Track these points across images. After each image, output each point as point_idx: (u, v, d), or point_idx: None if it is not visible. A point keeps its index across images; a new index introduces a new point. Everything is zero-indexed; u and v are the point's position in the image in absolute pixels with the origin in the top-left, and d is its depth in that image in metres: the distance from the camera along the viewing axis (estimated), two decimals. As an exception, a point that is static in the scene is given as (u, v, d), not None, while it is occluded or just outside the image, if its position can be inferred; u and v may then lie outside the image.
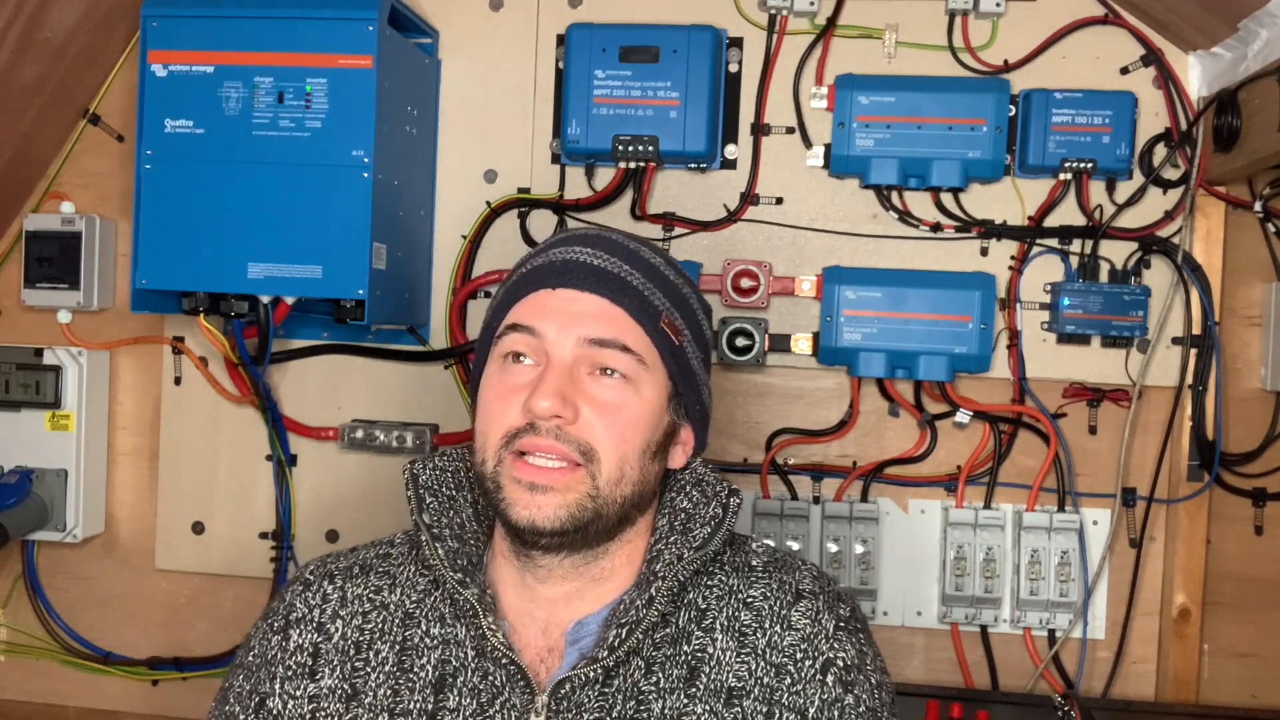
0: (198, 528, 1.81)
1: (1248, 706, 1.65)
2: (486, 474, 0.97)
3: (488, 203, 1.73)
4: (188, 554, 1.81)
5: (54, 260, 1.77)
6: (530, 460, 0.95)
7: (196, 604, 1.83)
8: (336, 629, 1.03)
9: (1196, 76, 1.61)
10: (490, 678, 0.97)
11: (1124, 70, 1.64)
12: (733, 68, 1.69)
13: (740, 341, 1.65)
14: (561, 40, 1.71)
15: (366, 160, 1.51)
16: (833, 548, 1.68)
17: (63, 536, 1.78)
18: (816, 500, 1.70)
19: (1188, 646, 1.65)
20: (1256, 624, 1.67)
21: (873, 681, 0.99)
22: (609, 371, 0.97)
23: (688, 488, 1.06)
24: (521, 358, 0.98)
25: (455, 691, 0.97)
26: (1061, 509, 1.67)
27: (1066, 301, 1.62)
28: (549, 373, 0.95)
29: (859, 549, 1.68)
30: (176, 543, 1.81)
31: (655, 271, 1.02)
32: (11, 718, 1.87)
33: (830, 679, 0.97)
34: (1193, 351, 1.63)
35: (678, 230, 1.70)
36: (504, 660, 0.96)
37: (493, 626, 0.96)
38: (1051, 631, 1.67)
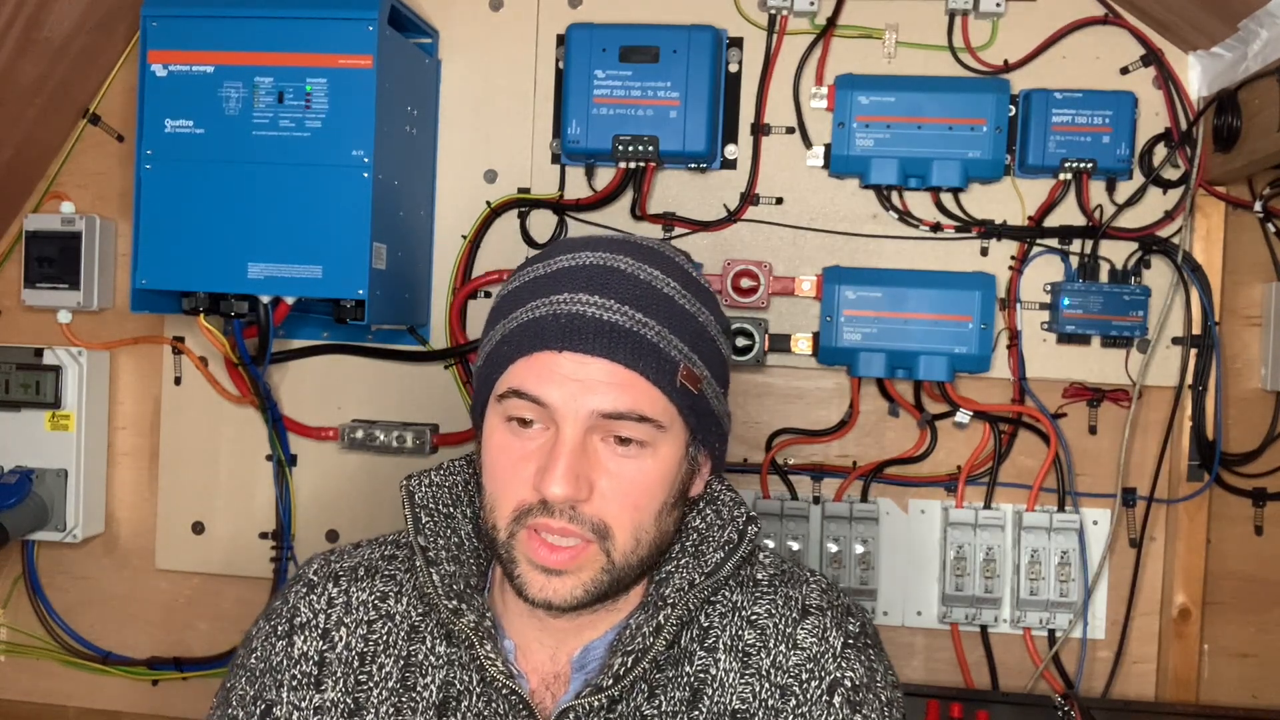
0: (198, 528, 1.81)
1: (1248, 706, 1.65)
2: (499, 542, 0.92)
3: (488, 203, 1.74)
4: (188, 554, 1.81)
5: (54, 260, 1.77)
6: (544, 537, 0.90)
7: (196, 604, 1.83)
8: (341, 637, 1.00)
9: (1196, 76, 1.61)
10: (494, 704, 0.95)
11: (1124, 70, 1.64)
12: (733, 68, 1.69)
13: (740, 341, 1.65)
14: (561, 40, 1.71)
15: (366, 160, 1.51)
16: (833, 548, 1.68)
17: (63, 536, 1.78)
18: (816, 500, 1.70)
19: (1188, 646, 1.65)
20: (1256, 624, 1.67)
21: (883, 699, 0.96)
22: (624, 439, 0.90)
23: (702, 506, 1.01)
24: (529, 421, 0.91)
25: (459, 716, 0.95)
26: (1061, 509, 1.67)
27: (1066, 301, 1.62)
28: (560, 451, 0.88)
29: (859, 549, 1.68)
30: (176, 543, 1.81)
31: (672, 307, 0.92)
32: (11, 718, 1.87)
33: (838, 700, 0.94)
34: (1193, 351, 1.63)
35: (678, 230, 1.70)
36: (505, 690, 0.93)
37: (490, 655, 0.93)
38: (1051, 631, 1.67)
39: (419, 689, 0.97)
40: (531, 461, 0.90)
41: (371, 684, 0.98)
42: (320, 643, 1.00)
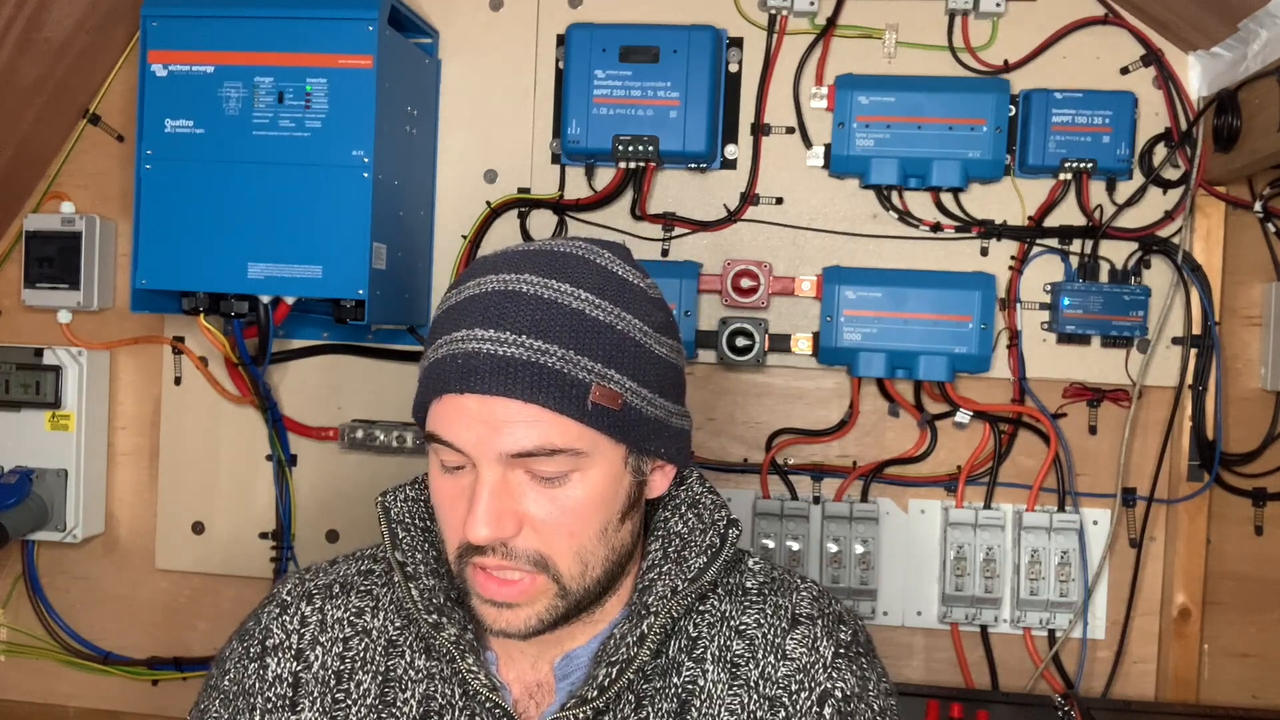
0: (198, 528, 1.81)
1: (1248, 706, 1.65)
2: (456, 573, 0.92)
3: (488, 203, 1.74)
4: (188, 554, 1.81)
5: (54, 260, 1.77)
6: (491, 572, 0.89)
7: (196, 604, 1.83)
8: (316, 656, 0.98)
9: (1196, 76, 1.61)
10: (477, 718, 0.93)
11: (1124, 70, 1.64)
12: (733, 68, 1.69)
13: (740, 341, 1.65)
14: (561, 40, 1.71)
15: (366, 160, 1.51)
16: (833, 548, 1.68)
17: (63, 536, 1.78)
18: (816, 500, 1.70)
19: (1188, 646, 1.65)
20: (1256, 624, 1.67)
21: (875, 708, 0.94)
22: (545, 473, 0.87)
23: (683, 509, 0.99)
24: (455, 466, 0.90)
25: None
26: (1061, 509, 1.67)
27: (1066, 301, 1.62)
28: (479, 493, 0.86)
29: (859, 549, 1.68)
30: (176, 543, 1.81)
31: (580, 323, 0.87)
32: (11, 718, 1.87)
33: (828, 711, 0.92)
34: (1193, 351, 1.63)
35: (678, 230, 1.70)
36: (488, 703, 0.92)
37: (473, 668, 0.91)
38: (1051, 631, 1.67)
39: (399, 704, 0.95)
40: (463, 501, 0.88)
41: (350, 702, 0.96)
42: (294, 664, 0.98)
